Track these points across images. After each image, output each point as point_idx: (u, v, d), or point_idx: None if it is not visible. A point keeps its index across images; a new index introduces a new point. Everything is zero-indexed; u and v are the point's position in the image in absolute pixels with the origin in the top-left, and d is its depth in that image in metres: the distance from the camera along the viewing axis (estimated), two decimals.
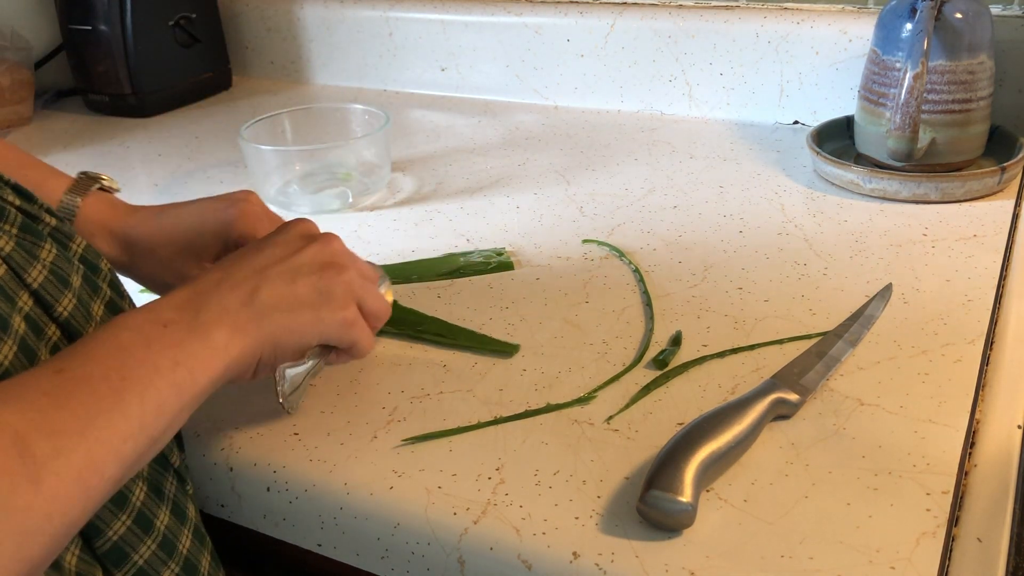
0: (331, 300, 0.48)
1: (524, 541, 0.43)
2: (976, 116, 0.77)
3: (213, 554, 0.48)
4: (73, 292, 0.44)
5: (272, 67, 1.29)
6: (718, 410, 0.47)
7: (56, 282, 0.43)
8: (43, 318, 0.42)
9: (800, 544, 0.42)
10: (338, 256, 0.50)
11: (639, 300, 0.64)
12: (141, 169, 0.99)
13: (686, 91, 1.02)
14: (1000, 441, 0.48)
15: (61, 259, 0.44)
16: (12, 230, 0.42)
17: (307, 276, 0.48)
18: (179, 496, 0.47)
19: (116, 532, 0.42)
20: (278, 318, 0.46)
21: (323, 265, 0.49)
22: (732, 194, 0.81)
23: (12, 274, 0.41)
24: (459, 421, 0.52)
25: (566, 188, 0.85)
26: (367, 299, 0.51)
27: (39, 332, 0.41)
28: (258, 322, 0.45)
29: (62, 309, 0.42)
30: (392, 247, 0.75)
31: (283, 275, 0.47)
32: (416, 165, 0.93)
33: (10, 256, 0.41)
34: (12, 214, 0.43)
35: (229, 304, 0.44)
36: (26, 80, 1.16)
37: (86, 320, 0.44)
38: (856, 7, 0.93)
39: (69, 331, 0.43)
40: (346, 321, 0.49)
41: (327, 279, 0.48)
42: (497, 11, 1.10)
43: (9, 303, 0.39)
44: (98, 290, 0.46)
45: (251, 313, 0.45)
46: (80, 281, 0.45)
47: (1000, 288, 0.63)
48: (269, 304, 0.46)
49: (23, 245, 0.42)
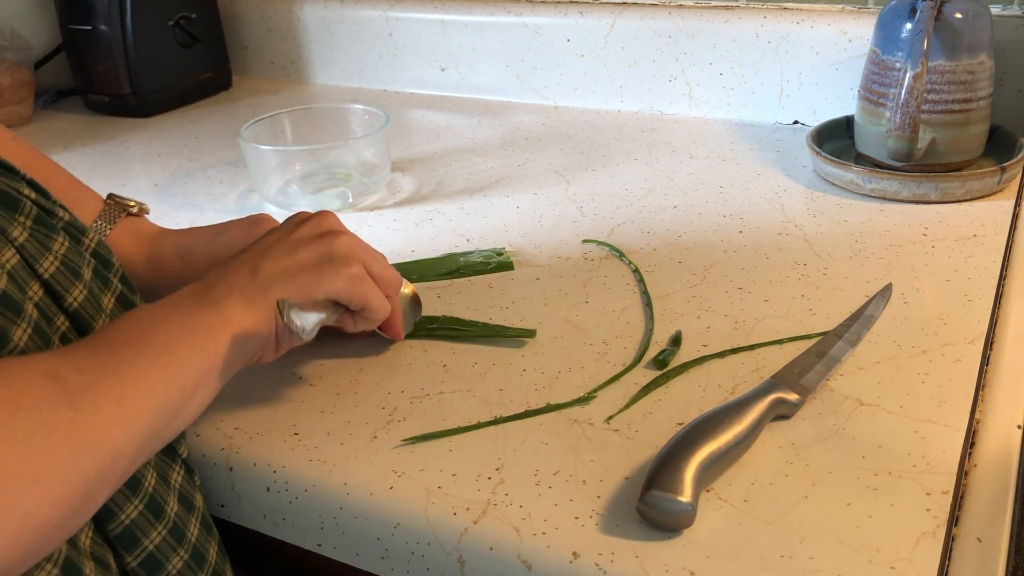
0: (332, 260, 0.49)
1: (524, 541, 0.43)
2: (976, 116, 0.77)
3: (220, 545, 0.49)
4: (84, 284, 0.45)
5: (272, 67, 1.29)
6: (718, 410, 0.47)
7: (67, 273, 0.44)
8: (53, 308, 0.43)
9: (800, 544, 0.42)
10: (335, 224, 0.52)
11: (639, 300, 0.64)
12: (141, 169, 0.99)
13: (686, 91, 1.02)
14: (1000, 441, 0.48)
15: (73, 252, 0.45)
16: (27, 222, 0.43)
17: (306, 246, 0.50)
18: (186, 486, 0.48)
19: (128, 516, 0.43)
20: (282, 284, 0.47)
21: (320, 234, 0.51)
22: (732, 194, 0.81)
23: (24, 264, 0.42)
24: (459, 421, 0.52)
25: (566, 188, 0.85)
26: (373, 264, 0.51)
27: (49, 321, 0.42)
28: (264, 292, 0.47)
29: (72, 300, 0.43)
30: (392, 247, 0.75)
31: (283, 250, 0.49)
32: (416, 165, 0.93)
33: (23, 246, 0.42)
34: (28, 207, 0.44)
35: (235, 283, 0.47)
36: (26, 80, 1.16)
37: (96, 312, 0.45)
38: (856, 7, 0.93)
39: (79, 321, 0.44)
40: (351, 276, 0.49)
41: (325, 243, 0.50)
42: (497, 11, 1.10)
43: (21, 291, 0.40)
44: (109, 283, 0.47)
45: (256, 286, 0.47)
46: (91, 274, 0.46)
47: (1000, 288, 0.63)
48: (272, 275, 0.48)
49: (36, 237, 0.43)
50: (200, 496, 0.49)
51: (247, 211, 0.85)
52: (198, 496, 0.49)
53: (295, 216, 0.54)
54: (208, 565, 0.47)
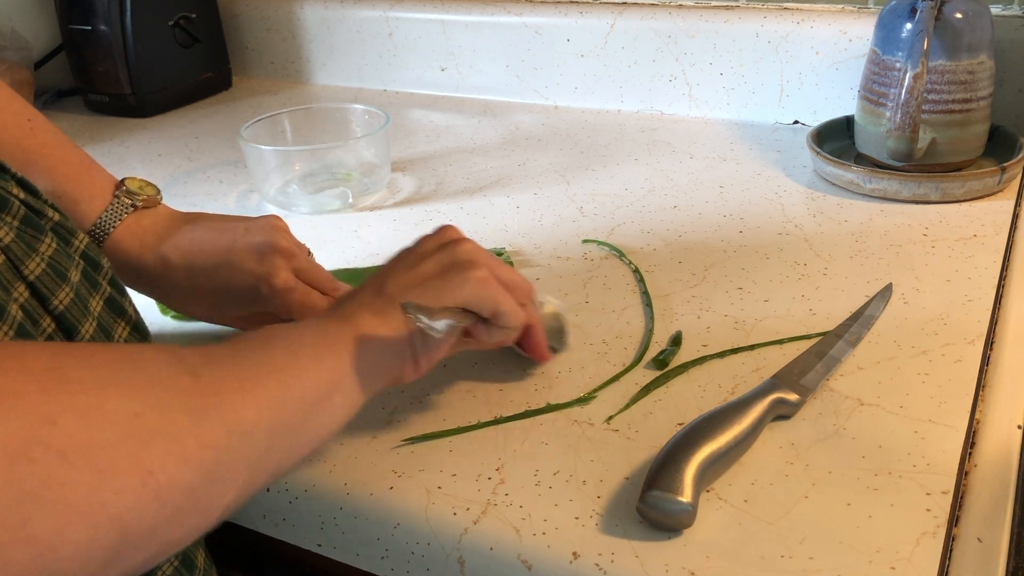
0: (456, 265, 0.48)
1: (524, 541, 0.43)
2: (976, 116, 0.77)
3: (206, 550, 0.48)
4: (71, 287, 0.44)
5: (272, 67, 1.29)
6: (718, 410, 0.47)
7: (54, 275, 0.43)
8: (39, 310, 0.42)
9: (800, 544, 0.42)
10: (455, 234, 0.51)
11: (639, 300, 0.64)
12: (141, 169, 0.99)
13: (686, 91, 1.02)
14: (1000, 441, 0.48)
15: (61, 254, 0.44)
16: (13, 222, 0.43)
17: (429, 258, 0.49)
18: None
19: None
20: (410, 296, 0.46)
21: (441, 244, 0.50)
22: (732, 194, 0.81)
23: (9, 265, 0.41)
24: (459, 421, 0.52)
25: (566, 188, 0.85)
26: (499, 269, 0.50)
27: (35, 323, 0.41)
28: (393, 302, 0.46)
29: (58, 303, 0.43)
30: (392, 247, 0.75)
31: (407, 265, 0.49)
32: (416, 165, 0.93)
33: (8, 247, 0.41)
34: (15, 206, 0.43)
35: (363, 299, 0.47)
36: (26, 80, 1.16)
37: (82, 315, 0.44)
38: (856, 7, 0.93)
39: (64, 324, 0.43)
40: (478, 279, 0.48)
41: (447, 252, 0.49)
42: (497, 11, 1.10)
43: (5, 292, 0.40)
44: (98, 286, 0.47)
45: (384, 299, 0.46)
46: (79, 276, 0.45)
47: (1000, 288, 0.63)
48: (398, 288, 0.47)
49: (23, 237, 0.42)
50: None
51: (247, 211, 0.85)
52: None
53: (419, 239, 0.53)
54: (198, 571, 0.46)
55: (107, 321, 0.47)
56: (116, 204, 0.59)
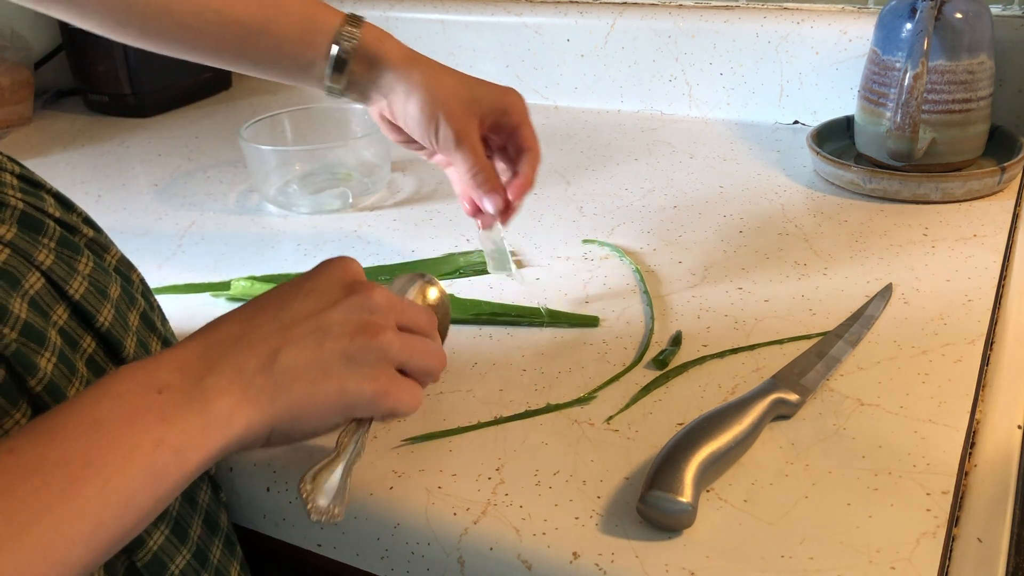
0: (360, 369, 0.41)
1: (524, 541, 0.43)
2: (976, 116, 0.77)
3: (243, 564, 0.49)
4: (112, 302, 0.44)
5: None
6: (718, 410, 0.47)
7: (96, 293, 0.43)
8: (79, 330, 0.42)
9: (800, 544, 0.42)
10: (377, 313, 0.43)
11: (639, 300, 0.64)
12: (141, 169, 0.99)
13: (686, 91, 1.02)
14: (1000, 441, 0.48)
15: (98, 270, 0.44)
16: (51, 244, 0.43)
17: (337, 339, 0.41)
18: (212, 505, 0.47)
19: (156, 542, 0.42)
20: (298, 389, 0.39)
21: (357, 327, 0.42)
22: (732, 194, 0.81)
23: (49, 287, 0.41)
24: (459, 421, 0.52)
25: (566, 188, 0.85)
26: (412, 360, 0.44)
27: (74, 346, 0.41)
28: (273, 393, 0.39)
29: (103, 320, 0.43)
30: (392, 247, 0.75)
31: (310, 335, 0.41)
32: (416, 165, 0.93)
33: (51, 270, 0.41)
34: (51, 228, 0.43)
35: (245, 366, 0.38)
36: (26, 80, 1.16)
37: (124, 330, 0.44)
38: (856, 7, 0.93)
39: (109, 342, 0.43)
40: (376, 394, 0.42)
41: (358, 344, 0.41)
42: (497, 11, 1.10)
43: (43, 319, 0.40)
44: (134, 300, 0.47)
45: (267, 380, 0.39)
46: (118, 291, 0.45)
47: (1000, 288, 0.63)
48: (290, 371, 0.39)
49: (62, 258, 0.42)
50: (225, 515, 0.49)
51: (247, 211, 0.85)
52: (223, 515, 0.48)
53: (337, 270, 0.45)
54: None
55: (144, 336, 0.47)
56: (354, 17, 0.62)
